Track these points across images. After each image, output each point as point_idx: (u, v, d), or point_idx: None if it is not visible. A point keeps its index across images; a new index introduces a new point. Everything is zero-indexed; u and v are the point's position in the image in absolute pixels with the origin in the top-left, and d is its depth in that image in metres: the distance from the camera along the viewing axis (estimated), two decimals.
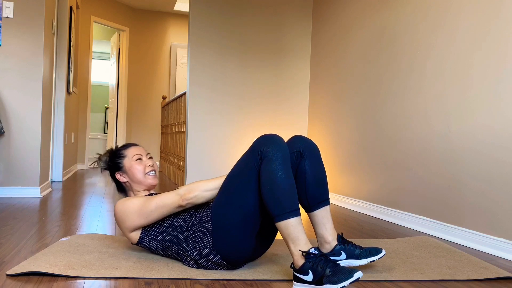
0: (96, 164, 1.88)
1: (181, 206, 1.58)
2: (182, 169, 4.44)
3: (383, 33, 3.08)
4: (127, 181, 1.80)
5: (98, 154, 1.92)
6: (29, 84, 3.39)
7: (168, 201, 1.60)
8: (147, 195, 1.77)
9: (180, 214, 1.66)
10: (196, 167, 3.94)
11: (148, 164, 1.81)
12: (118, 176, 1.81)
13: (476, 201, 2.21)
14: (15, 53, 3.37)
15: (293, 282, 1.43)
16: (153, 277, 1.51)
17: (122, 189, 1.86)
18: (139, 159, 1.80)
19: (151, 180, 1.79)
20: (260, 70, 4.11)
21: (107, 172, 1.90)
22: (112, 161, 1.83)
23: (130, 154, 1.81)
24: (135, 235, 1.70)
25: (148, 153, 1.87)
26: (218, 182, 1.58)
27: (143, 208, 1.63)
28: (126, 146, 1.86)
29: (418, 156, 2.66)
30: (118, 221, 1.70)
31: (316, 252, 1.39)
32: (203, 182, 1.59)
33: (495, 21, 2.15)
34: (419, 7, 2.72)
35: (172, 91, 7.28)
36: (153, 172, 1.81)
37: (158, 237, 1.68)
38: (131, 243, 1.77)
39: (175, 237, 1.64)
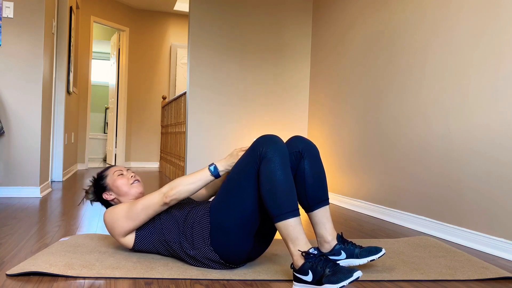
0: (85, 199, 1.91)
1: (166, 203, 1.60)
2: (182, 169, 4.44)
3: (382, 33, 3.08)
4: (115, 198, 1.81)
5: (83, 189, 1.95)
6: (29, 84, 3.39)
7: (152, 200, 1.61)
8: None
9: (177, 210, 1.67)
10: (196, 167, 3.94)
11: (131, 176, 1.83)
12: (105, 196, 1.82)
13: (476, 201, 2.21)
14: (15, 53, 3.37)
15: (293, 282, 1.43)
16: (153, 277, 1.51)
17: None
18: (121, 174, 1.82)
19: (137, 188, 1.81)
20: (260, 70, 4.11)
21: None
22: (97, 185, 1.85)
23: (111, 172, 1.84)
24: (130, 239, 1.71)
25: (129, 169, 1.90)
26: (199, 175, 1.59)
27: (130, 211, 1.65)
28: (106, 168, 1.90)
29: (418, 156, 2.66)
30: (109, 228, 1.71)
31: (315, 252, 1.39)
32: (184, 178, 1.60)
33: (493, 22, 2.15)
34: (418, 7, 2.72)
35: (172, 91, 7.28)
36: (137, 180, 1.83)
37: (154, 234, 1.68)
38: (128, 249, 1.78)
39: (172, 234, 1.64)
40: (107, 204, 1.85)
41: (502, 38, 2.11)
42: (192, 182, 1.59)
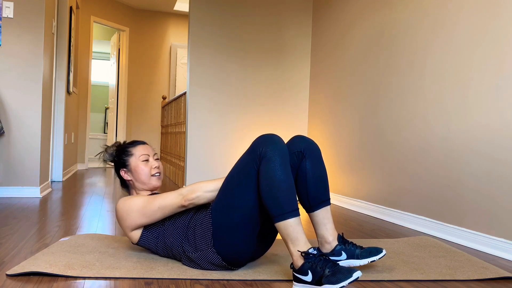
0: (101, 155, 1.87)
1: (183, 206, 1.58)
2: (182, 169, 4.44)
3: (383, 33, 3.08)
4: (131, 180, 1.80)
5: (105, 145, 1.91)
6: (29, 84, 3.39)
7: (170, 201, 1.60)
8: (149, 195, 1.77)
9: (181, 214, 1.66)
10: (196, 167, 3.94)
11: (154, 166, 1.79)
12: (122, 173, 1.80)
13: (476, 201, 2.21)
14: (15, 53, 3.37)
15: (293, 282, 1.43)
16: (153, 277, 1.51)
17: (125, 186, 1.85)
18: (146, 160, 1.79)
19: (155, 182, 1.79)
20: (260, 70, 4.11)
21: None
22: (119, 157, 1.82)
23: (138, 153, 1.79)
24: (136, 235, 1.70)
25: (155, 153, 1.85)
26: (220, 183, 1.58)
27: (145, 207, 1.63)
28: (134, 144, 1.84)
29: (418, 156, 2.66)
30: (119, 219, 1.69)
31: (315, 252, 1.39)
32: (205, 183, 1.58)
33: (494, 21, 2.15)
34: (418, 7, 2.72)
35: (172, 91, 7.28)
36: (158, 173, 1.80)
37: (158, 238, 1.68)
38: (132, 242, 1.77)
39: (176, 238, 1.64)
40: (121, 179, 1.83)
41: (502, 38, 2.11)
42: (213, 189, 1.57)
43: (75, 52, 5.65)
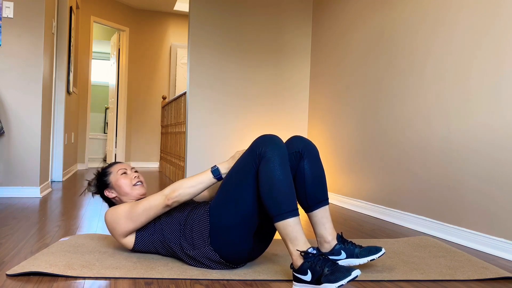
0: (86, 190, 1.91)
1: (167, 205, 1.60)
2: (182, 169, 4.44)
3: (383, 33, 3.08)
4: (116, 196, 1.81)
5: (87, 180, 1.94)
6: (29, 84, 3.39)
7: (154, 202, 1.61)
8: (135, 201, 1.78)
9: (177, 212, 1.67)
10: (196, 167, 3.94)
11: (134, 176, 1.82)
12: (106, 193, 1.82)
13: (476, 201, 2.21)
14: (15, 53, 3.37)
15: (293, 282, 1.43)
16: (153, 277, 1.51)
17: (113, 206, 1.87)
18: (124, 173, 1.82)
19: (139, 190, 1.80)
20: (260, 70, 4.11)
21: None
22: (100, 181, 1.85)
23: (115, 170, 1.83)
24: (130, 241, 1.71)
25: (133, 168, 1.89)
26: (201, 177, 1.59)
27: (131, 212, 1.65)
28: (111, 164, 1.89)
29: (418, 156, 2.66)
30: (109, 228, 1.71)
31: (314, 251, 1.39)
32: (185, 180, 1.60)
33: (494, 21, 2.15)
34: (418, 7, 2.72)
35: (172, 91, 7.28)
36: (140, 182, 1.82)
37: (154, 235, 1.69)
38: (129, 250, 1.78)
39: (173, 235, 1.64)
40: (108, 200, 1.85)
41: (502, 38, 2.11)
42: (194, 184, 1.58)
43: (75, 52, 5.66)
